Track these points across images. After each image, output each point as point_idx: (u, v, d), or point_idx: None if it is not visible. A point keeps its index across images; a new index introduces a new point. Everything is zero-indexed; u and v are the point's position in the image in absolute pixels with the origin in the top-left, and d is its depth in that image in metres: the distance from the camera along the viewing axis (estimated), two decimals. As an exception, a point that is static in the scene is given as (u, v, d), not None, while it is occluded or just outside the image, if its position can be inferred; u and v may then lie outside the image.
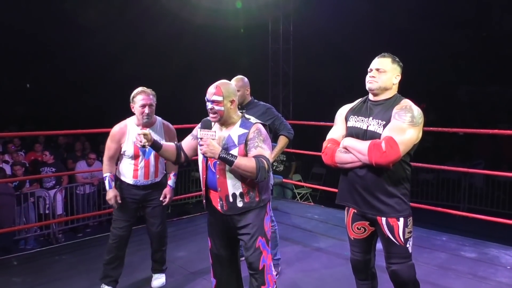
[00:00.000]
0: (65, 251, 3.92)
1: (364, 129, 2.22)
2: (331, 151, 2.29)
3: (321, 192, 8.53)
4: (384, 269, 2.33)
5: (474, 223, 5.40)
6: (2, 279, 3.30)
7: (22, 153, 7.61)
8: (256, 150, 2.19)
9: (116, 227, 2.98)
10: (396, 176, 2.18)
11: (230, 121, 2.30)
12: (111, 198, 2.92)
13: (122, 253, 3.02)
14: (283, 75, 7.29)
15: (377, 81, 2.20)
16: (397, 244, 2.19)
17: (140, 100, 2.87)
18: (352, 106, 2.37)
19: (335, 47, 11.16)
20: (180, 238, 4.22)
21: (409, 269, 2.22)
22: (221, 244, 2.41)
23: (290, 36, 7.20)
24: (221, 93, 2.24)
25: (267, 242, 2.32)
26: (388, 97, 2.23)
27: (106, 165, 2.97)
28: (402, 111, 2.14)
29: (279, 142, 3.30)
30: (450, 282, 3.19)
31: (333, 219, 4.81)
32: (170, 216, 6.21)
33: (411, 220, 2.23)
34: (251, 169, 2.13)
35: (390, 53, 2.29)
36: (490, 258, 3.65)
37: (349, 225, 2.37)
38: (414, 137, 2.12)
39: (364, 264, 2.38)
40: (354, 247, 2.39)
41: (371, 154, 2.09)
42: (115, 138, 2.93)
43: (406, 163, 2.21)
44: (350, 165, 2.22)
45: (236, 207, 2.27)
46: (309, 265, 3.55)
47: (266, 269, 2.29)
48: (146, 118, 2.88)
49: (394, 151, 2.06)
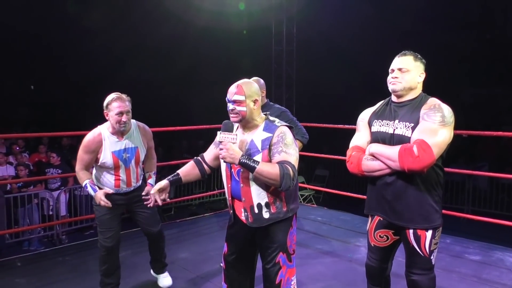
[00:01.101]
0: (69, 252, 3.93)
1: (391, 133, 2.07)
2: (356, 159, 2.14)
3: (324, 194, 8.51)
4: (397, 274, 2.29)
5: (478, 225, 5.37)
6: (6, 280, 3.32)
7: (26, 155, 7.64)
8: (281, 156, 2.01)
9: (103, 238, 2.85)
10: (429, 182, 2.04)
11: (253, 124, 2.13)
12: (100, 197, 2.66)
13: (115, 262, 2.93)
14: (286, 77, 7.29)
15: (400, 81, 2.07)
16: (421, 255, 2.09)
17: (116, 107, 2.65)
18: (375, 110, 2.22)
19: (339, 49, 11.16)
20: (183, 239, 4.22)
21: (429, 281, 2.12)
22: (239, 253, 2.30)
23: (293, 38, 7.20)
24: (243, 92, 2.09)
25: (288, 258, 2.19)
26: (413, 97, 2.09)
27: (83, 174, 2.76)
28: (431, 111, 2.00)
29: None
30: (454, 284, 3.17)
31: (336, 221, 4.79)
32: (173, 217, 6.22)
33: (440, 231, 2.11)
34: (274, 176, 1.96)
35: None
36: (495, 260, 3.63)
37: (371, 231, 2.24)
38: (447, 138, 1.98)
39: (380, 271, 2.28)
40: (372, 253, 2.27)
41: (403, 160, 1.94)
42: (90, 149, 2.72)
43: (439, 166, 2.07)
44: (378, 173, 2.08)
45: (262, 219, 2.12)
46: (312, 267, 3.54)
47: (282, 284, 2.18)
48: (123, 126, 2.70)
49: (428, 155, 1.91)
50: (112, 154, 2.74)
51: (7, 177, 6.62)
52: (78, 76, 12.94)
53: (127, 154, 2.79)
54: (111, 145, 2.75)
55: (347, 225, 4.62)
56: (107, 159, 2.75)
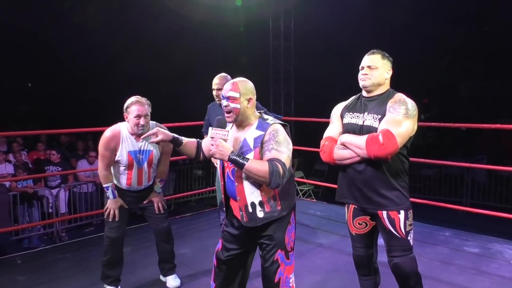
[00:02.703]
0: (69, 250, 3.94)
1: (360, 124, 2.25)
2: (329, 148, 2.31)
3: (323, 189, 8.53)
4: (386, 264, 2.33)
5: (477, 218, 5.40)
6: (7, 277, 3.32)
7: (24, 152, 7.63)
8: (271, 153, 2.00)
9: (108, 228, 2.91)
10: (395, 169, 2.20)
11: (246, 122, 2.14)
12: (114, 208, 2.83)
13: (118, 254, 2.97)
14: (284, 72, 7.28)
15: (370, 77, 2.24)
16: (399, 236, 2.22)
17: (134, 110, 2.72)
18: (347, 104, 2.40)
19: (336, 43, 11.13)
20: (183, 235, 4.23)
21: (411, 261, 2.24)
22: (233, 252, 2.28)
23: (291, 33, 7.18)
24: (238, 89, 2.11)
25: (286, 255, 2.18)
26: (381, 92, 2.26)
27: (105, 176, 2.84)
28: (396, 104, 2.18)
29: None
30: (453, 277, 3.19)
31: (335, 215, 4.81)
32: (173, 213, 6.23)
33: (411, 213, 2.26)
34: (263, 173, 1.96)
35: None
36: (493, 253, 3.65)
37: (350, 221, 2.38)
38: (410, 129, 2.15)
39: (367, 259, 2.39)
40: (356, 242, 2.40)
41: (369, 148, 2.12)
42: (109, 146, 2.78)
43: (404, 155, 2.24)
44: (349, 161, 2.24)
45: (257, 218, 2.12)
46: (311, 261, 3.56)
47: (281, 282, 2.17)
48: (141, 129, 2.74)
49: (392, 143, 2.08)
50: (128, 154, 2.80)
51: (6, 175, 6.61)
52: (75, 72, 12.91)
53: (141, 156, 2.85)
54: (128, 145, 2.81)
55: (345, 219, 4.63)
56: (123, 157, 2.81)
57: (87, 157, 7.09)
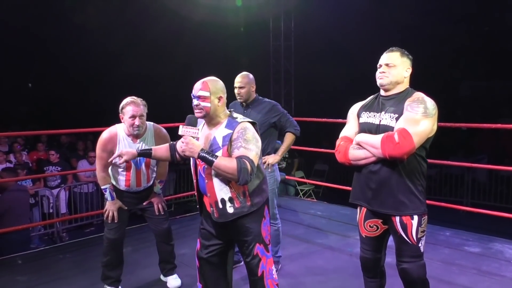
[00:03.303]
0: (69, 250, 3.94)
1: (377, 124, 2.17)
2: (344, 148, 2.24)
3: (323, 189, 8.53)
4: (393, 265, 2.31)
5: (477, 218, 5.39)
6: (7, 277, 3.33)
7: (25, 153, 7.64)
8: (239, 151, 2.05)
9: (107, 229, 2.91)
10: (411, 171, 2.12)
11: (216, 120, 2.19)
12: (112, 210, 2.85)
13: (118, 255, 2.97)
14: (285, 72, 7.28)
15: (387, 76, 2.17)
16: (409, 242, 2.15)
17: (129, 111, 2.71)
18: (364, 103, 2.33)
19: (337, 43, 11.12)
20: (184, 235, 4.23)
21: (419, 268, 2.18)
22: (210, 249, 2.32)
23: (291, 33, 7.18)
24: (208, 88, 2.15)
25: (265, 248, 2.23)
26: (400, 91, 2.19)
27: (103, 177, 2.85)
28: (414, 102, 2.10)
29: (285, 139, 3.27)
30: (454, 277, 3.18)
31: (336, 215, 4.81)
32: (173, 214, 6.22)
33: (426, 219, 2.18)
34: (231, 170, 2.00)
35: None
36: (494, 252, 3.65)
37: (361, 222, 2.31)
38: (428, 128, 2.07)
39: (374, 263, 2.33)
40: (365, 245, 2.33)
41: (384, 147, 2.04)
42: (106, 148, 2.79)
43: (421, 157, 2.16)
44: (364, 161, 2.17)
45: (227, 214, 2.16)
46: (312, 261, 3.56)
47: (265, 275, 2.23)
48: (136, 130, 2.74)
49: (408, 142, 2.00)
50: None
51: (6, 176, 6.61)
52: (75, 73, 12.91)
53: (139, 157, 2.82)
54: (125, 146, 2.79)
55: (346, 219, 4.63)
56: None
57: (87, 158, 7.09)
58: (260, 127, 3.19)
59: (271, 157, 3.21)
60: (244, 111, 3.26)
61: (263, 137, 3.20)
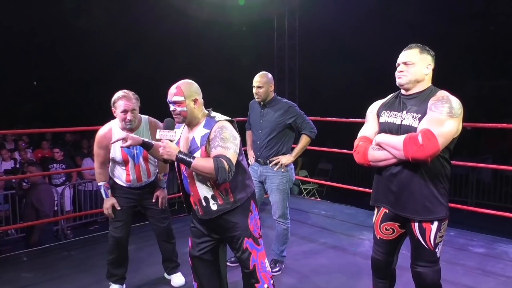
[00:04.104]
0: (74, 247, 3.96)
1: (398, 123, 2.08)
2: (363, 149, 2.15)
3: (327, 188, 8.52)
4: (401, 266, 2.28)
5: (482, 218, 5.37)
6: (13, 274, 3.35)
7: (30, 150, 7.68)
8: (217, 150, 2.07)
9: (112, 228, 2.92)
10: (434, 173, 2.03)
11: (195, 122, 2.20)
12: (108, 208, 2.86)
13: (123, 253, 2.98)
14: (289, 71, 7.27)
15: (405, 75, 2.08)
16: (426, 248, 2.09)
17: (121, 105, 2.70)
18: (384, 102, 2.24)
19: (341, 42, 11.10)
20: (187, 234, 4.18)
21: (434, 273, 2.12)
22: (201, 246, 2.35)
23: (295, 31, 7.17)
24: (182, 93, 2.15)
25: (255, 241, 2.25)
26: (422, 89, 2.08)
27: (99, 173, 2.87)
28: (439, 102, 1.99)
29: (300, 141, 3.26)
30: (458, 277, 3.17)
31: (339, 214, 4.80)
32: (177, 212, 6.24)
33: (446, 224, 2.11)
34: (209, 170, 2.03)
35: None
36: (499, 253, 3.63)
37: (377, 224, 2.24)
38: (453, 129, 1.97)
39: (385, 265, 2.28)
40: (378, 246, 2.27)
41: (407, 149, 1.94)
42: (102, 144, 2.80)
43: (445, 159, 2.07)
44: (384, 162, 2.08)
45: (211, 211, 2.20)
46: (316, 260, 3.56)
47: (257, 268, 2.25)
48: (128, 124, 2.74)
49: (433, 144, 1.90)
50: (121, 150, 2.78)
51: (11, 173, 6.65)
52: (80, 72, 12.97)
53: (136, 150, 2.84)
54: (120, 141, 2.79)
55: (350, 218, 4.63)
56: (117, 154, 2.81)
57: (92, 156, 7.11)
58: (276, 127, 3.19)
59: (285, 158, 3.21)
60: (261, 110, 3.26)
61: (278, 137, 3.20)
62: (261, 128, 3.24)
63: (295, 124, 3.21)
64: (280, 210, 3.27)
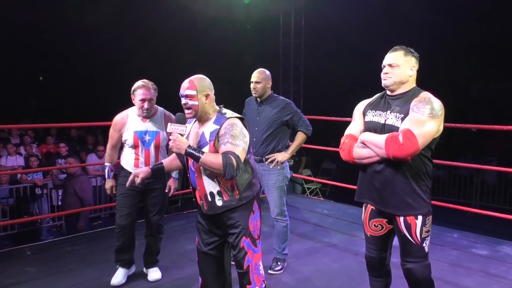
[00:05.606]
0: (78, 242, 3.99)
1: (382, 123, 2.16)
2: (348, 146, 2.24)
3: (330, 187, 8.51)
4: (398, 265, 2.31)
5: (486, 220, 5.33)
6: (17, 268, 3.37)
7: (35, 145, 7.72)
8: (226, 147, 2.09)
9: (118, 215, 3.03)
10: (416, 171, 2.12)
11: (206, 117, 2.22)
12: (108, 188, 3.10)
13: (128, 240, 3.06)
14: (294, 70, 7.26)
15: (391, 76, 2.15)
16: (413, 242, 2.15)
17: (140, 94, 2.89)
18: (370, 101, 2.32)
19: (347, 41, 11.07)
20: (190, 231, 4.24)
21: (423, 268, 2.17)
22: (207, 242, 2.35)
23: (301, 30, 7.16)
24: (195, 87, 2.18)
25: (252, 242, 2.24)
26: (406, 91, 2.17)
27: (108, 154, 3.10)
28: (420, 103, 2.07)
29: (296, 138, 3.27)
30: (462, 279, 3.17)
31: (342, 214, 4.80)
32: (180, 209, 6.26)
33: (430, 219, 2.18)
34: (217, 166, 2.05)
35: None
36: (502, 255, 3.62)
37: (366, 221, 2.31)
38: (433, 130, 2.06)
39: (379, 262, 2.33)
40: (370, 244, 2.34)
41: (388, 147, 2.04)
42: (116, 127, 2.99)
43: (427, 157, 2.15)
44: (367, 160, 2.17)
45: (216, 207, 2.21)
46: (318, 259, 3.56)
47: (251, 269, 2.24)
48: (145, 112, 2.93)
49: (412, 143, 2.00)
50: (134, 134, 2.94)
51: (16, 167, 6.69)
52: (86, 68, 13.02)
53: (148, 137, 2.98)
54: (135, 124, 2.97)
55: (353, 218, 4.62)
56: (129, 137, 2.96)
57: (96, 152, 7.15)
58: (273, 124, 3.21)
59: (281, 155, 3.22)
60: (258, 107, 3.27)
61: (274, 134, 3.21)
62: (257, 125, 3.26)
63: (291, 121, 3.24)
64: (278, 208, 3.30)
